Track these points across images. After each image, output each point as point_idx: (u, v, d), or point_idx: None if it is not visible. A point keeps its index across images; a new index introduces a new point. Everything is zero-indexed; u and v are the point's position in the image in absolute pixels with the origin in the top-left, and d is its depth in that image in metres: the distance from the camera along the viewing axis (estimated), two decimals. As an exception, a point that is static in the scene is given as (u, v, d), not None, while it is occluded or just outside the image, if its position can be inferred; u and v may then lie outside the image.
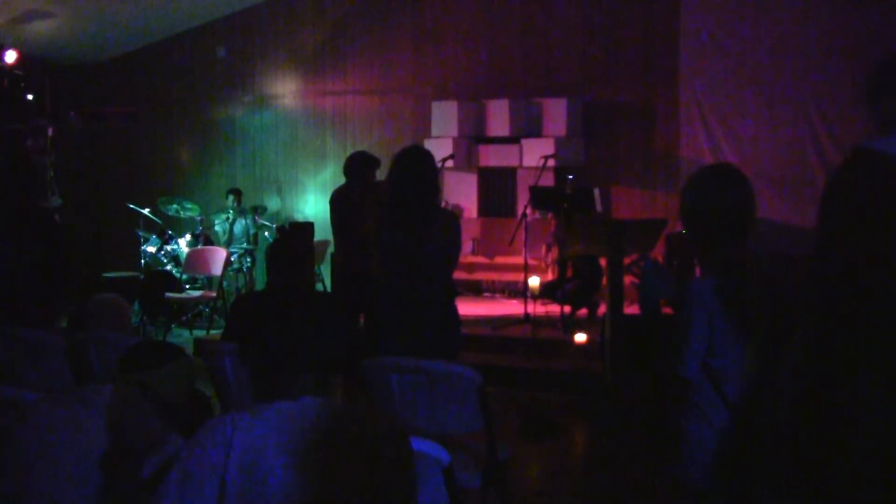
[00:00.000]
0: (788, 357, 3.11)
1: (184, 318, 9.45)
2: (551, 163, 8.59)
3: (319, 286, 9.70)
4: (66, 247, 4.94)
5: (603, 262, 6.94)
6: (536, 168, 8.41)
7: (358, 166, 6.71)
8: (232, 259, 9.56)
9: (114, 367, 2.28)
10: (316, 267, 9.31)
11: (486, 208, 9.90)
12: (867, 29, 8.31)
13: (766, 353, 2.68)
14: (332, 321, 2.09)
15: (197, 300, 9.34)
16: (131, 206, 9.99)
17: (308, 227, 9.35)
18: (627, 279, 3.06)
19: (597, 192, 8.21)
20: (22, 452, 2.34)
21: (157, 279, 9.37)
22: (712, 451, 2.64)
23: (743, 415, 2.39)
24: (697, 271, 2.75)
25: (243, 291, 9.63)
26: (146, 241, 9.71)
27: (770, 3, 8.80)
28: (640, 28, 9.48)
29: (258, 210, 10.21)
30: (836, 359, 1.43)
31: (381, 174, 6.34)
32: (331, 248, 8.62)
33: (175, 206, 10.02)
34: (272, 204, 10.91)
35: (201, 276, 9.59)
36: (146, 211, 9.92)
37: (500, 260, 9.42)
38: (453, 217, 4.45)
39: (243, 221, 9.98)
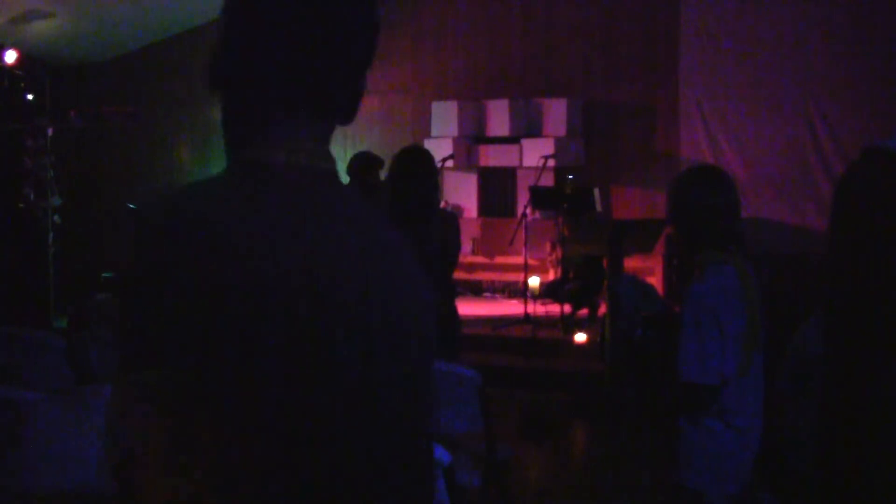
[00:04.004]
0: (788, 361, 3.11)
1: (184, 318, 9.43)
2: (551, 163, 8.59)
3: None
4: (60, 246, 4.95)
5: (605, 262, 6.94)
6: (536, 168, 8.41)
7: (359, 166, 6.71)
8: (232, 259, 9.54)
9: (114, 367, 2.28)
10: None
11: (486, 208, 9.90)
12: (867, 29, 8.31)
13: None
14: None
15: (197, 300, 9.32)
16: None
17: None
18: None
19: (597, 192, 8.21)
20: (22, 452, 2.34)
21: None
22: (723, 455, 2.64)
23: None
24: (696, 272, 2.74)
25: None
26: (146, 241, 9.69)
27: (770, 2, 8.80)
28: (640, 28, 9.48)
29: (258, 210, 10.19)
30: (859, 362, 1.42)
31: (382, 174, 6.34)
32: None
33: (175, 206, 10.00)
34: (272, 204, 10.90)
35: (201, 276, 9.58)
36: (146, 211, 9.91)
37: (500, 260, 9.42)
38: (453, 217, 4.45)
39: (243, 221, 9.97)
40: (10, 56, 9.04)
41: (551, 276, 8.37)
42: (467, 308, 7.25)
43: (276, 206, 1.09)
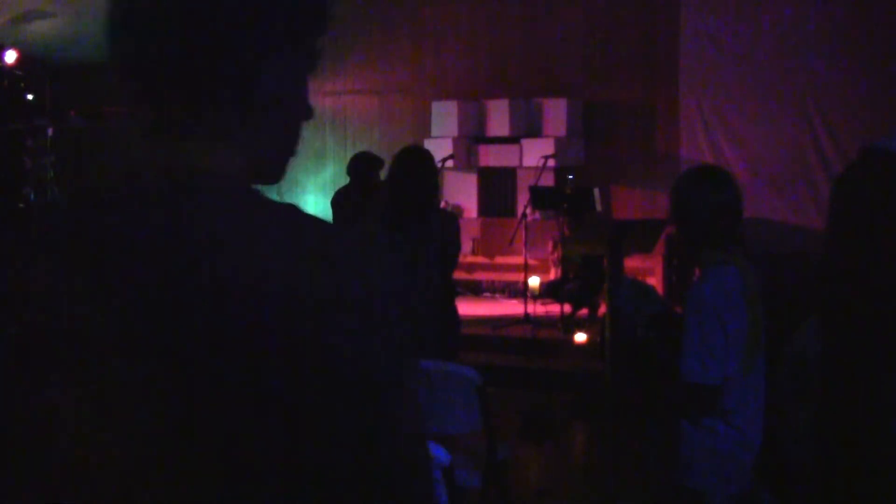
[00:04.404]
0: (787, 360, 3.11)
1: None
2: (551, 163, 8.59)
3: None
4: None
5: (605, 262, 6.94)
6: (536, 168, 8.41)
7: (360, 167, 6.72)
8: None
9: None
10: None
11: (486, 208, 9.90)
12: (867, 29, 8.31)
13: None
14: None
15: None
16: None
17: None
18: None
19: (597, 192, 8.21)
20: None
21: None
22: (724, 455, 2.64)
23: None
24: (697, 272, 2.75)
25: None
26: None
27: (770, 3, 8.80)
28: (640, 28, 9.48)
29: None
30: (857, 362, 1.42)
31: (382, 174, 6.34)
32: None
33: (175, 206, 9.99)
34: (272, 204, 10.89)
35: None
36: (146, 211, 9.90)
37: (500, 260, 9.42)
38: (453, 217, 4.46)
39: (243, 221, 9.96)
40: (10, 56, 9.05)
41: (551, 275, 8.37)
42: (467, 308, 7.24)
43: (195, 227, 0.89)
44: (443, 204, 9.08)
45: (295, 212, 0.95)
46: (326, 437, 0.88)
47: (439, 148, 8.41)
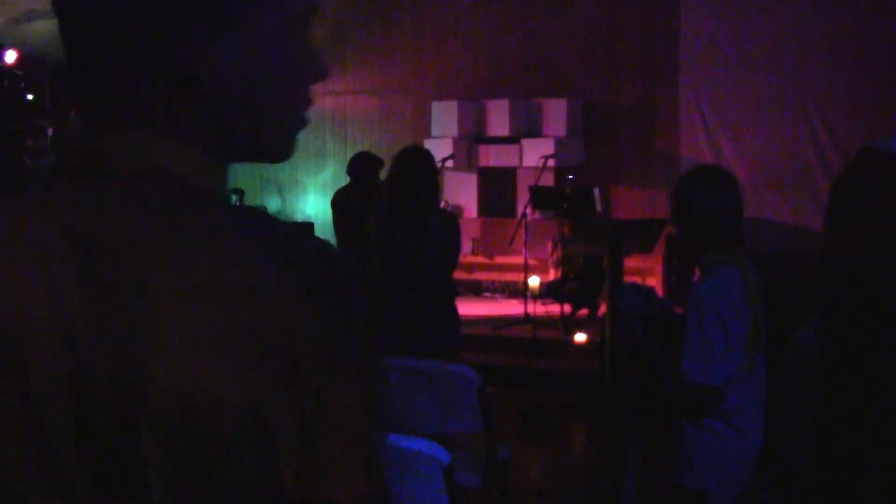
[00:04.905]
0: (787, 360, 3.12)
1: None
2: (551, 163, 8.59)
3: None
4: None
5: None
6: (536, 168, 8.41)
7: (360, 167, 6.72)
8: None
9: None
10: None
11: (486, 208, 9.90)
12: (867, 29, 8.31)
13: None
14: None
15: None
16: None
17: (308, 227, 9.37)
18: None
19: (597, 192, 8.22)
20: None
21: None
22: (724, 455, 2.64)
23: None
24: (696, 272, 2.76)
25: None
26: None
27: (770, 3, 8.80)
28: (640, 28, 9.48)
29: (258, 210, 10.19)
30: (855, 363, 1.43)
31: (382, 174, 6.35)
32: (331, 248, 8.61)
33: (175, 206, 9.99)
34: (272, 204, 10.91)
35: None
36: (146, 211, 9.90)
37: (500, 260, 9.42)
38: (453, 217, 4.46)
39: (243, 221, 9.96)
40: (10, 56, 9.05)
41: (551, 275, 8.37)
42: (467, 308, 7.25)
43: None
44: (443, 204, 9.08)
45: (235, 216, 0.86)
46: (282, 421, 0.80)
47: (439, 148, 8.41)
